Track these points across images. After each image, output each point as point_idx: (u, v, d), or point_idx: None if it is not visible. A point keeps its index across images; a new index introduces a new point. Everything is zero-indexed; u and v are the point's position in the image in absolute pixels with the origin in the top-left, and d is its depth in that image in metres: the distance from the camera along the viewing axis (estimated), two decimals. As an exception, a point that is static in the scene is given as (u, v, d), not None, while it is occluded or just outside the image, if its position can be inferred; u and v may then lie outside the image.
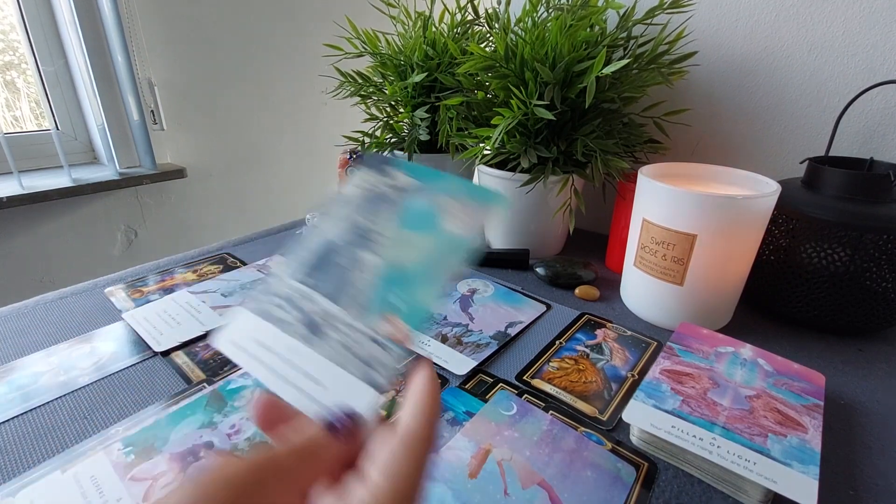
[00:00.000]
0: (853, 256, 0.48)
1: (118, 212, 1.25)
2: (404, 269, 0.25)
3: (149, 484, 0.33)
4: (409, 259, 0.25)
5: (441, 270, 0.24)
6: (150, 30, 1.20)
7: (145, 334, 0.51)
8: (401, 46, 0.75)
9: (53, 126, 1.17)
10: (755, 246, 0.51)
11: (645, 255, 0.53)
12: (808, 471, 0.32)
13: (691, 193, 0.47)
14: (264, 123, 1.52)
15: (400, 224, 0.27)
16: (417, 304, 0.24)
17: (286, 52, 1.51)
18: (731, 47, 0.65)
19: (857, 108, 0.59)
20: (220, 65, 1.36)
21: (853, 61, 0.58)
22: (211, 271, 0.66)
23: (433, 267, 0.25)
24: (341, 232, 0.28)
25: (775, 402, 0.39)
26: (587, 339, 0.52)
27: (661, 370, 0.42)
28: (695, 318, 0.52)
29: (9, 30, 1.13)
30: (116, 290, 0.61)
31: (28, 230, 1.12)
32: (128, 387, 0.44)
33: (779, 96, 0.64)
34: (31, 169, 1.15)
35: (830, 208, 0.49)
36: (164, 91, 1.26)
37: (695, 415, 0.37)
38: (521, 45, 0.57)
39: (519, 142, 0.60)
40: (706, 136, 0.70)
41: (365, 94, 0.78)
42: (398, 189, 0.28)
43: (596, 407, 0.42)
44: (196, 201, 1.41)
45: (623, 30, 0.61)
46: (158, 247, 1.35)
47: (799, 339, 0.53)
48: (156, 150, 1.24)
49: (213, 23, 1.31)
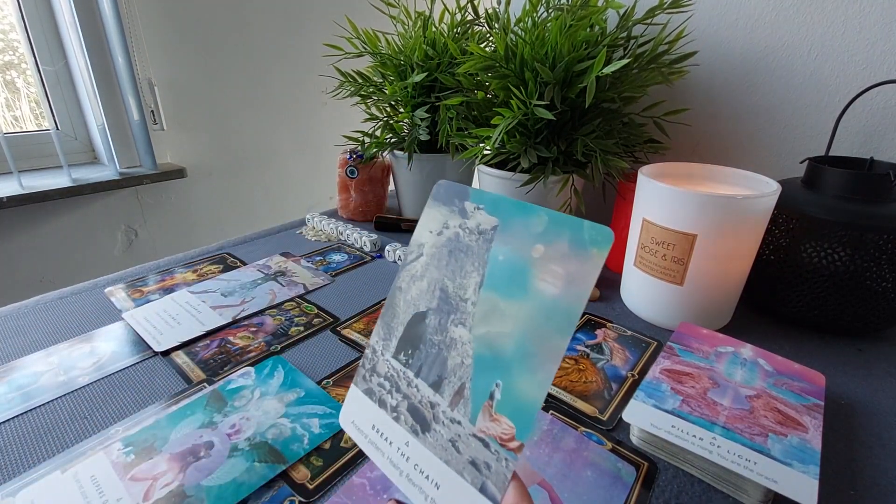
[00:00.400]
0: (853, 256, 0.48)
1: (118, 212, 1.25)
2: (496, 349, 0.21)
3: (149, 484, 0.33)
4: (500, 335, 0.21)
5: (543, 348, 0.20)
6: (150, 30, 1.20)
7: (145, 334, 0.51)
8: (401, 46, 0.75)
9: (53, 126, 1.17)
10: (755, 246, 0.51)
11: (645, 255, 0.53)
12: (808, 470, 0.32)
13: (691, 193, 0.47)
14: (264, 123, 1.52)
15: (484, 285, 0.23)
16: (519, 395, 0.20)
17: (286, 52, 1.51)
18: (731, 47, 0.65)
19: (857, 107, 0.59)
20: (220, 65, 1.36)
21: (853, 61, 0.58)
22: (211, 271, 0.66)
23: (533, 344, 0.20)
24: (426, 294, 0.24)
25: (775, 401, 0.39)
26: (587, 338, 0.52)
27: (661, 370, 0.42)
28: (695, 318, 0.52)
29: (9, 30, 1.13)
30: (116, 290, 0.61)
31: (28, 230, 1.12)
32: (128, 387, 0.44)
33: (779, 96, 0.64)
34: (30, 169, 1.15)
35: (830, 208, 0.49)
36: (164, 91, 1.26)
37: (695, 414, 0.37)
38: (521, 45, 0.57)
39: (519, 142, 0.60)
40: (706, 136, 0.70)
41: (365, 94, 0.78)
42: (479, 234, 0.24)
43: (596, 407, 0.42)
44: (196, 201, 1.41)
45: (623, 30, 0.61)
46: (158, 247, 1.35)
47: (799, 339, 0.53)
48: (156, 150, 1.24)
49: (213, 23, 1.31)
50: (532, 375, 0.20)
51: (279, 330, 0.53)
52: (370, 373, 0.26)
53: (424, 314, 0.25)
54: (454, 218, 0.25)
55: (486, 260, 0.23)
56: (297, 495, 0.33)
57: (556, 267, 0.21)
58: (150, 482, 0.33)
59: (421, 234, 0.26)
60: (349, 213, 0.87)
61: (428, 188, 0.82)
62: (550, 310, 0.20)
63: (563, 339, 0.20)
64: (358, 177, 0.84)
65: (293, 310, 0.57)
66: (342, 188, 0.86)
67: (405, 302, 0.26)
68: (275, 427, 0.39)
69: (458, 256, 0.24)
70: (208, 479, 0.34)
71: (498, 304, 0.22)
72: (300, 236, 0.80)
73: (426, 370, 0.24)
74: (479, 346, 0.22)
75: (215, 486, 0.33)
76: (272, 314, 0.56)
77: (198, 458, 0.35)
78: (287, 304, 0.58)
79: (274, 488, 0.34)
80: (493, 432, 0.20)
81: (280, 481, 0.34)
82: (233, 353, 0.49)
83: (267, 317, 0.55)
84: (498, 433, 0.20)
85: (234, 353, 0.48)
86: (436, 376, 0.23)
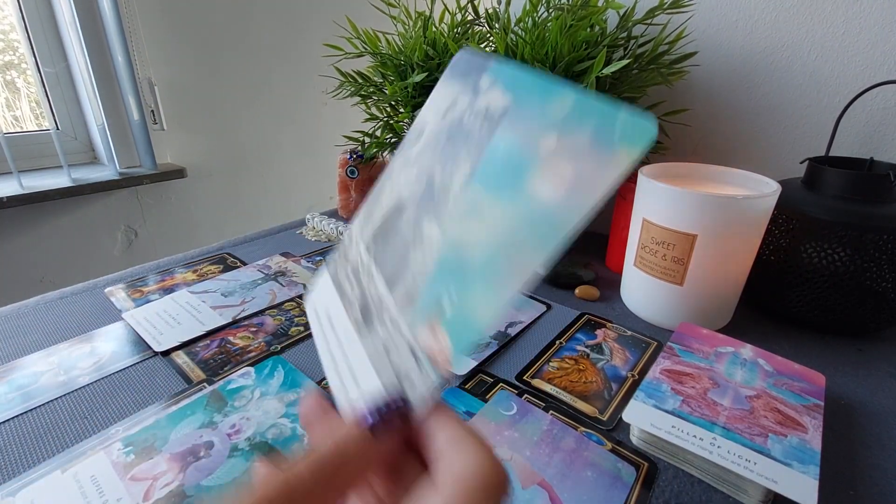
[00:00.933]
0: (853, 256, 0.48)
1: (118, 212, 1.25)
2: (464, 255, 0.18)
3: (149, 484, 0.33)
4: (473, 239, 0.18)
5: (514, 265, 0.16)
6: (150, 30, 1.20)
7: (145, 334, 0.51)
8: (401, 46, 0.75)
9: (53, 126, 1.17)
10: (755, 246, 0.51)
11: (645, 255, 0.53)
12: (808, 471, 0.32)
13: (691, 193, 0.47)
14: (264, 123, 1.52)
15: (473, 178, 0.19)
16: (469, 314, 0.17)
17: (286, 52, 1.51)
18: (731, 47, 0.65)
19: (857, 108, 0.59)
20: (220, 65, 1.36)
21: (853, 61, 0.58)
22: (211, 271, 0.66)
23: (503, 258, 0.17)
24: (413, 184, 0.21)
25: (775, 402, 0.39)
26: (587, 339, 0.52)
27: (662, 370, 0.42)
28: (695, 318, 0.52)
29: (9, 30, 1.13)
30: (116, 290, 0.61)
31: (28, 230, 1.12)
32: (128, 387, 0.44)
33: (779, 96, 0.64)
34: (30, 169, 1.15)
35: (830, 208, 0.49)
36: (164, 91, 1.26)
37: (695, 415, 0.37)
38: (521, 45, 0.57)
39: (519, 142, 0.60)
40: (706, 136, 0.70)
41: (365, 94, 0.78)
42: (486, 117, 0.19)
43: (596, 407, 0.42)
44: (196, 201, 1.41)
45: (623, 30, 0.61)
46: (158, 247, 1.35)
47: (799, 339, 0.53)
48: (156, 150, 1.24)
49: (213, 22, 1.31)
50: (492, 291, 0.16)
51: (279, 330, 0.53)
52: (342, 258, 0.24)
53: (404, 205, 0.22)
54: (465, 95, 0.21)
55: (483, 149, 0.19)
56: (297, 495, 0.33)
57: (565, 165, 0.16)
58: (150, 482, 0.33)
59: (425, 115, 0.22)
60: (349, 213, 0.87)
61: (428, 188, 0.81)
62: (539, 219, 0.16)
63: (538, 254, 0.16)
64: (358, 177, 0.84)
65: (293, 310, 0.57)
66: (342, 188, 0.86)
67: (390, 189, 0.23)
68: (275, 427, 0.39)
69: (456, 142, 0.20)
70: (208, 479, 0.34)
71: (482, 204, 0.18)
72: (300, 236, 0.80)
73: (388, 266, 0.21)
74: (447, 250, 0.19)
75: (215, 486, 0.33)
76: (272, 314, 0.56)
77: (198, 458, 0.36)
78: (287, 304, 0.58)
79: (274, 488, 0.34)
80: (429, 347, 0.18)
81: (280, 481, 0.34)
82: (233, 353, 0.49)
83: (267, 317, 0.55)
84: (434, 350, 0.17)
85: (235, 353, 0.48)
86: (391, 273, 0.21)
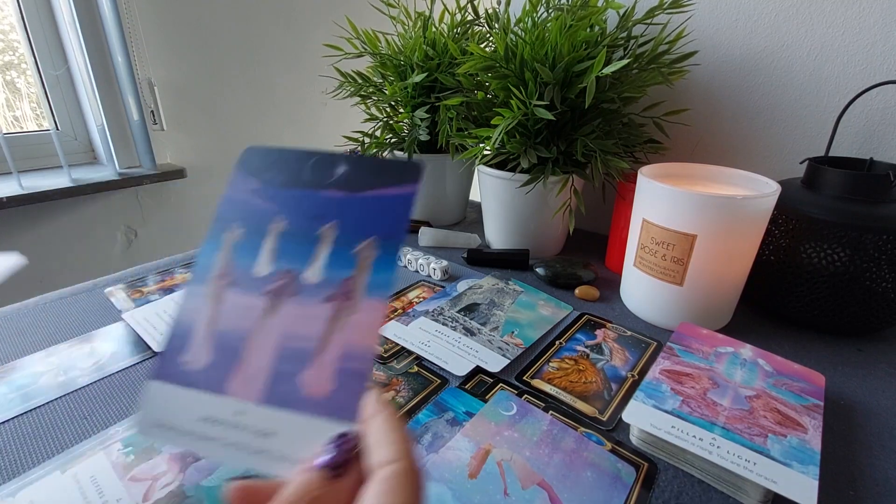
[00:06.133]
0: (853, 256, 0.48)
1: (118, 212, 1.25)
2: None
3: (149, 484, 0.33)
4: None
5: None
6: (150, 30, 1.20)
7: (145, 334, 0.51)
8: (401, 46, 0.75)
9: (53, 126, 1.17)
10: (755, 246, 0.51)
11: (645, 256, 0.53)
12: (807, 471, 0.32)
13: (691, 193, 0.47)
14: (264, 123, 1.52)
15: None
16: None
17: (286, 52, 1.51)
18: (730, 47, 0.65)
19: (857, 108, 0.59)
20: (220, 65, 1.36)
21: (853, 61, 0.58)
22: (211, 271, 0.66)
23: None
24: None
25: (775, 402, 0.39)
26: (587, 339, 0.52)
27: (661, 370, 0.42)
28: (695, 318, 0.52)
29: (9, 30, 1.13)
30: (116, 290, 0.61)
31: (28, 230, 1.12)
32: (128, 387, 0.44)
33: (779, 96, 0.64)
34: (30, 169, 1.15)
35: (830, 208, 0.49)
36: (164, 91, 1.26)
37: (695, 415, 0.37)
38: (521, 45, 0.57)
39: (519, 142, 0.60)
40: (706, 136, 0.70)
41: (365, 94, 0.78)
42: None
43: (596, 407, 0.42)
44: (196, 201, 1.41)
45: (623, 30, 0.61)
46: (158, 247, 1.35)
47: (799, 339, 0.53)
48: (156, 150, 1.24)
49: (213, 23, 1.31)
50: None
51: (279, 330, 0.53)
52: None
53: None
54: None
55: None
56: (296, 496, 0.33)
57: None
58: (150, 482, 0.33)
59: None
60: (349, 213, 0.87)
61: (427, 189, 0.82)
62: None
63: None
64: (358, 177, 0.83)
65: (293, 310, 0.57)
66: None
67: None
68: (275, 427, 0.39)
69: None
70: (208, 479, 0.34)
71: None
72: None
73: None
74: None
75: (215, 486, 0.33)
76: (272, 314, 0.56)
77: (198, 458, 0.35)
78: (287, 304, 0.58)
79: (274, 489, 0.34)
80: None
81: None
82: (233, 353, 0.49)
83: (267, 317, 0.55)
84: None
85: (234, 354, 0.48)
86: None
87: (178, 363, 0.22)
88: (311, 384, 0.20)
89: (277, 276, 0.23)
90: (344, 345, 0.21)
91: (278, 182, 0.24)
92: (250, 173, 0.25)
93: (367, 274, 0.22)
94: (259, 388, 0.21)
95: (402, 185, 0.23)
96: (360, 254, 0.22)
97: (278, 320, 0.22)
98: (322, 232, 0.23)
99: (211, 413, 0.21)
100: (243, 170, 0.25)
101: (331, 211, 0.23)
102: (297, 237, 0.23)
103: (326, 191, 0.24)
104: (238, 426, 0.20)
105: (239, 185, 0.25)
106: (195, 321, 0.22)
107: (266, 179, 0.24)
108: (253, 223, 0.24)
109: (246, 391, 0.21)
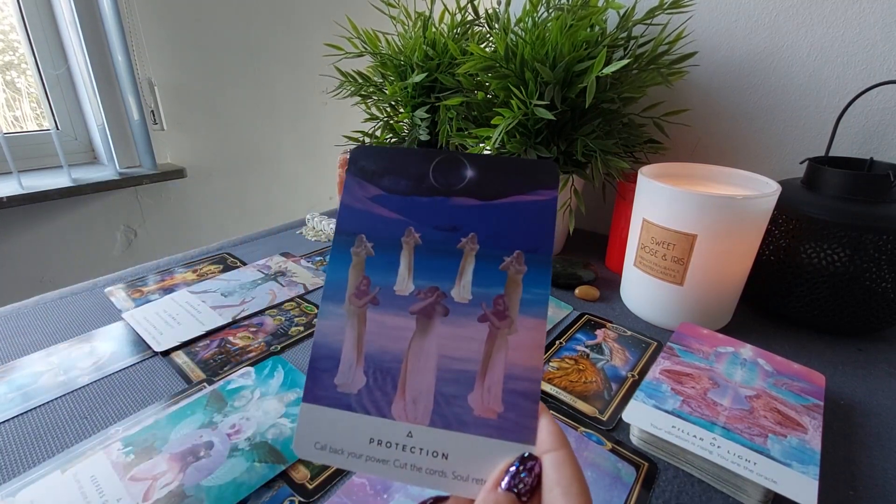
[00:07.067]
0: (853, 256, 0.48)
1: (118, 212, 1.25)
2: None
3: (149, 484, 0.33)
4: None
5: None
6: (150, 30, 1.20)
7: (145, 334, 0.51)
8: (401, 46, 0.75)
9: (53, 126, 1.17)
10: (755, 246, 0.51)
11: (645, 255, 0.53)
12: (807, 471, 0.32)
13: (691, 193, 0.47)
14: (264, 123, 1.52)
15: None
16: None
17: (286, 52, 1.51)
18: (730, 47, 0.65)
19: (857, 108, 0.59)
20: (220, 65, 1.36)
21: (853, 61, 0.58)
22: (211, 271, 0.66)
23: None
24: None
25: (775, 402, 0.39)
26: (587, 339, 0.52)
27: (661, 370, 0.42)
28: (695, 318, 0.52)
29: (9, 30, 1.13)
30: (116, 290, 0.61)
31: (28, 230, 1.12)
32: (128, 387, 0.44)
33: (779, 96, 0.64)
34: (30, 169, 1.15)
35: (830, 208, 0.49)
36: (164, 91, 1.26)
37: (695, 415, 0.37)
38: (521, 45, 0.57)
39: (519, 142, 0.60)
40: (706, 136, 0.70)
41: (365, 94, 0.78)
42: None
43: (596, 407, 0.42)
44: (196, 201, 1.41)
45: (623, 30, 0.61)
46: (158, 247, 1.35)
47: (799, 339, 0.53)
48: (156, 150, 1.24)
49: (213, 22, 1.31)
50: None
51: (279, 330, 0.53)
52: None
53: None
54: None
55: None
56: (296, 495, 0.33)
57: None
58: (150, 482, 0.33)
59: None
60: (349, 213, 0.87)
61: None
62: None
63: None
64: (358, 177, 0.83)
65: (293, 310, 0.57)
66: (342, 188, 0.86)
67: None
68: (275, 427, 0.39)
69: None
70: (208, 479, 0.34)
71: None
72: (300, 236, 0.80)
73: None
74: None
75: (215, 486, 0.33)
76: (272, 314, 0.56)
77: (198, 458, 0.35)
78: (287, 304, 0.58)
79: (274, 488, 0.34)
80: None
81: (280, 481, 0.34)
82: (233, 353, 0.49)
83: (267, 317, 0.55)
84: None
85: (234, 353, 0.48)
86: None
87: (331, 386, 0.21)
88: (479, 406, 0.20)
89: (422, 294, 0.22)
90: (508, 366, 0.20)
91: (401, 188, 0.23)
92: (366, 178, 0.23)
93: (519, 291, 0.21)
94: (426, 411, 0.21)
95: (538, 189, 0.22)
96: (508, 269, 0.21)
97: (433, 341, 0.21)
98: (462, 245, 0.22)
99: (380, 436, 0.21)
100: (357, 174, 0.23)
101: (466, 221, 0.22)
102: (435, 251, 0.22)
103: (457, 198, 0.22)
104: (410, 448, 0.20)
105: (356, 192, 0.23)
106: (339, 342, 0.22)
107: (386, 186, 0.23)
108: (383, 236, 0.22)
109: (412, 414, 0.21)
